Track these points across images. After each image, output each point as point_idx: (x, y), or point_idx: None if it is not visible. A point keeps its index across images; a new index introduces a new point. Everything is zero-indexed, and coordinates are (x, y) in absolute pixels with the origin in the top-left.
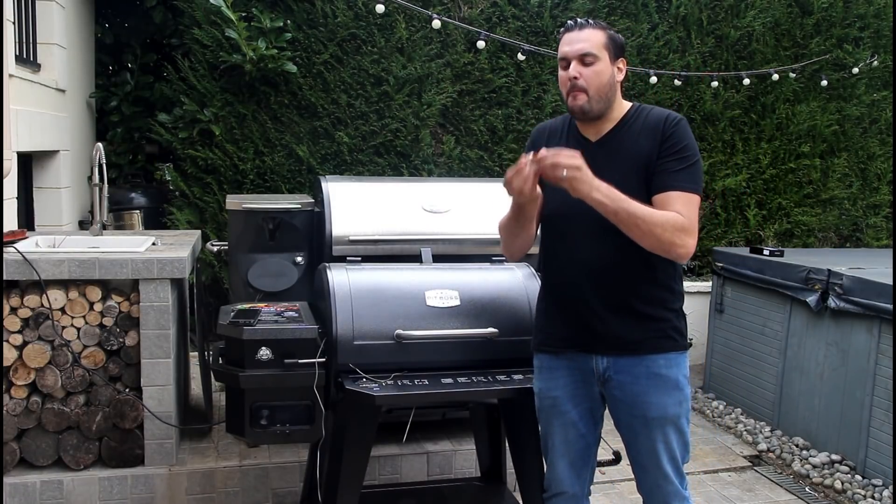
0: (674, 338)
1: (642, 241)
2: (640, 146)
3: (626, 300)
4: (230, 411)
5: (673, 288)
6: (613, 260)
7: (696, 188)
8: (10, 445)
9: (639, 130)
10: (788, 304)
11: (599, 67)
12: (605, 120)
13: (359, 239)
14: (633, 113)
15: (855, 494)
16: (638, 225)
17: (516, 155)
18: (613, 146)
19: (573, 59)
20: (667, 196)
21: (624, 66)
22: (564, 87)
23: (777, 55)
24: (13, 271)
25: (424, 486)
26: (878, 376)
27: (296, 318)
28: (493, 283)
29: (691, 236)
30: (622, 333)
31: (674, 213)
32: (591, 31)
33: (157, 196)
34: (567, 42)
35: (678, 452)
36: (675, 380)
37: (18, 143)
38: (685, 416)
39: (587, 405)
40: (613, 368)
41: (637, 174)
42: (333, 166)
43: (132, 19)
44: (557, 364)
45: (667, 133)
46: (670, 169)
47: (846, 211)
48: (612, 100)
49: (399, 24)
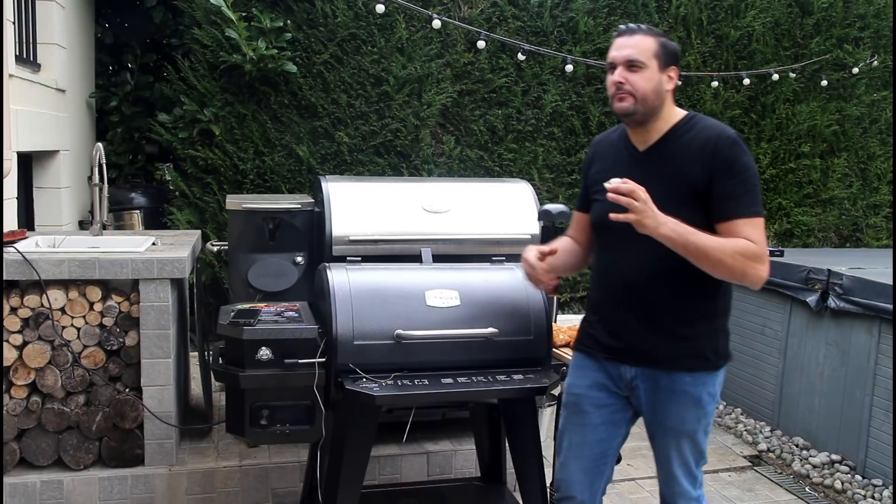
0: (707, 357)
1: (713, 273)
2: (691, 162)
3: (661, 316)
4: (230, 411)
5: (716, 304)
6: (651, 273)
7: (760, 209)
8: (10, 445)
9: (689, 144)
10: (788, 304)
11: (647, 75)
12: (653, 129)
13: (359, 239)
14: (685, 123)
15: (855, 494)
16: (707, 257)
17: (516, 155)
18: (661, 157)
19: (620, 64)
20: (733, 224)
21: (675, 75)
22: (610, 90)
23: (777, 55)
24: (13, 271)
25: (424, 486)
26: (878, 376)
27: (296, 318)
28: (493, 283)
29: (764, 262)
30: (652, 349)
31: (744, 241)
32: (642, 38)
33: (157, 196)
34: (616, 47)
35: (691, 459)
36: (697, 397)
37: (18, 143)
38: (703, 430)
39: (610, 412)
40: (640, 377)
41: (684, 190)
42: (333, 166)
43: (132, 19)
44: (588, 364)
45: (722, 155)
46: (732, 194)
47: (846, 211)
48: (660, 108)
49: (399, 24)
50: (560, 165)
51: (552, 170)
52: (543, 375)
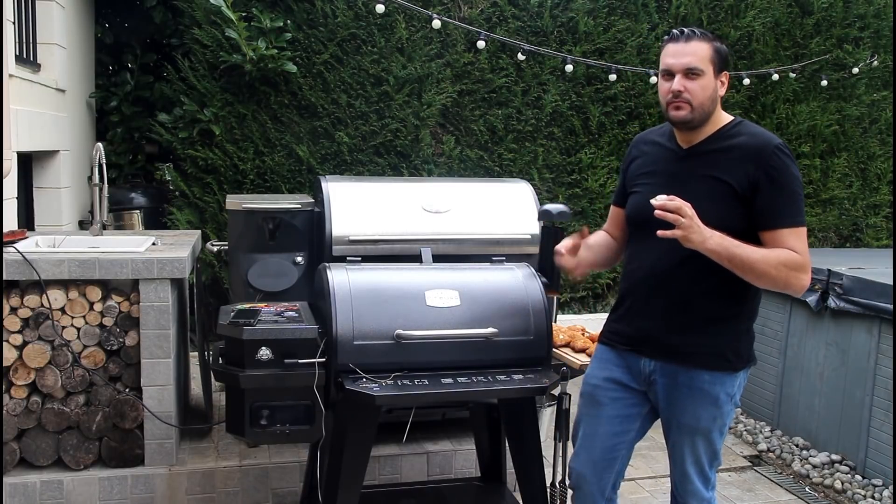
0: (728, 358)
1: (757, 283)
2: (735, 165)
3: (686, 312)
4: (230, 411)
5: (742, 305)
6: (682, 269)
7: (803, 219)
8: (10, 445)
9: (735, 148)
10: (788, 304)
11: (704, 82)
12: (699, 130)
13: (359, 239)
14: (732, 127)
15: (855, 494)
16: (753, 269)
17: (516, 155)
18: (705, 157)
19: (679, 72)
20: (778, 234)
21: (727, 79)
22: (665, 97)
23: (777, 55)
24: (13, 271)
25: (424, 486)
26: (878, 376)
27: (296, 318)
28: (493, 283)
29: (806, 272)
30: (674, 343)
31: (787, 252)
32: (698, 44)
33: (157, 196)
34: (673, 54)
35: (704, 459)
36: (714, 396)
37: (18, 143)
38: (719, 430)
39: (625, 406)
40: (659, 372)
41: (725, 190)
42: (333, 166)
43: (132, 19)
44: (610, 357)
45: (769, 163)
46: (778, 204)
47: (846, 211)
48: (713, 112)
49: (399, 24)
50: (560, 165)
51: (552, 170)
52: (543, 375)
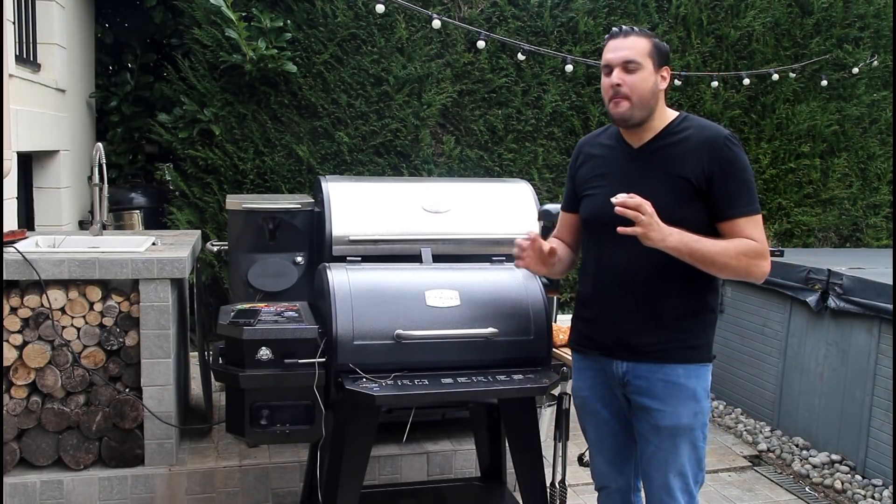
0: (697, 348)
1: (720, 274)
2: (688, 159)
3: (653, 310)
4: (230, 411)
5: (706, 301)
6: (644, 267)
7: (758, 206)
8: (10, 445)
9: (686, 142)
10: (788, 304)
11: (643, 75)
12: (647, 128)
13: (359, 239)
14: (679, 122)
15: (855, 494)
16: (714, 262)
17: (516, 155)
18: (656, 155)
19: (616, 66)
20: (735, 224)
21: (668, 75)
22: (607, 93)
23: (777, 55)
24: (13, 271)
25: (424, 486)
26: (878, 376)
27: (296, 318)
28: (493, 283)
29: (765, 258)
30: (644, 341)
31: (745, 241)
32: (636, 39)
33: (157, 196)
34: (611, 49)
35: (688, 469)
36: (692, 390)
37: (18, 143)
38: (700, 429)
39: (616, 405)
40: (632, 374)
41: (679, 187)
42: (333, 166)
43: (132, 19)
44: (585, 365)
45: (722, 155)
46: (732, 194)
47: (846, 211)
48: (655, 108)
49: (399, 24)
50: (560, 165)
51: (552, 170)
52: (543, 375)
